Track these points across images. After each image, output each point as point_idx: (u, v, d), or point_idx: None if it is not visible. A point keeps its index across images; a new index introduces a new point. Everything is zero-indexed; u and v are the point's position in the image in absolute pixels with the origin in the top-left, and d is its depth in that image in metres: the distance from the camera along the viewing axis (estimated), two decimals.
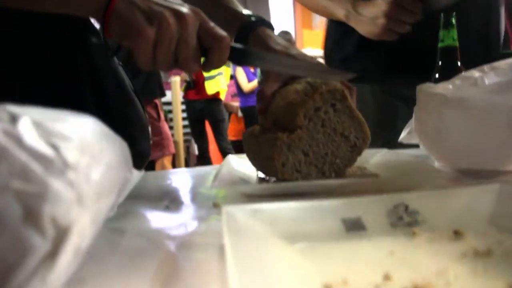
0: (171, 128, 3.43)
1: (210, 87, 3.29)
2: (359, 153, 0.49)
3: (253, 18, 0.61)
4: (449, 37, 0.67)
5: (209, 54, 0.47)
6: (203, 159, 3.61)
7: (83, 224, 0.21)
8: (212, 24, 0.47)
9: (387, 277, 0.23)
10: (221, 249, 0.31)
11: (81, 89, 0.63)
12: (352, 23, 0.89)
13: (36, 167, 0.20)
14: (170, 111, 3.55)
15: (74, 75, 0.62)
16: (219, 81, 3.34)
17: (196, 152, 3.96)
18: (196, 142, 3.76)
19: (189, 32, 0.45)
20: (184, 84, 3.39)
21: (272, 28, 0.60)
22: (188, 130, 3.76)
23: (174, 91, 3.44)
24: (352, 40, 0.95)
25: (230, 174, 0.51)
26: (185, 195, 0.54)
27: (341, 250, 0.28)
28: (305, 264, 0.26)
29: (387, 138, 0.73)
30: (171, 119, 3.58)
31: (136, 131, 0.71)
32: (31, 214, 0.19)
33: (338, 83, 0.48)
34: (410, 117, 0.62)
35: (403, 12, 0.81)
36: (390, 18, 0.81)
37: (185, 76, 3.31)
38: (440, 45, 0.68)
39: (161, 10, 0.44)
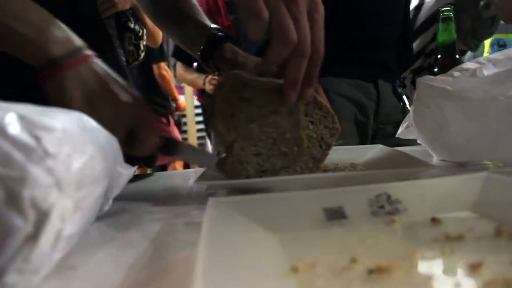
0: (185, 132, 3.47)
1: None
2: (328, 148, 0.48)
3: (220, 33, 0.62)
4: (448, 31, 0.67)
5: (136, 143, 0.46)
6: None
7: (63, 209, 0.23)
8: (148, 120, 0.47)
9: (354, 260, 0.24)
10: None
11: None
12: None
13: (17, 155, 0.21)
14: (184, 115, 3.60)
15: None
16: None
17: None
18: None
19: (121, 122, 0.44)
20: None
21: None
22: (202, 134, 3.79)
23: (187, 94, 3.49)
24: None
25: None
26: (183, 192, 0.55)
27: (317, 237, 0.29)
28: (277, 250, 0.27)
29: None
30: (185, 123, 3.62)
31: None
32: (13, 198, 0.20)
33: None
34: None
35: None
36: None
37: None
38: (438, 39, 0.68)
39: (103, 95, 0.43)
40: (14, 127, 0.22)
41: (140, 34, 1.69)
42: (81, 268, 0.29)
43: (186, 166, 2.85)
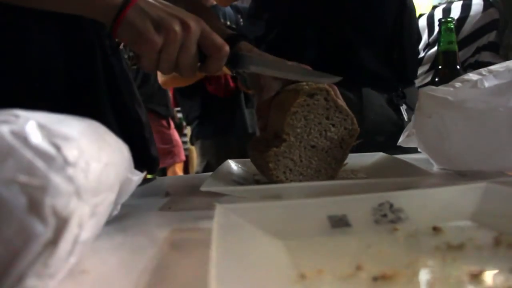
0: (185, 135, 3.48)
1: None
2: (348, 148, 0.51)
3: (236, 33, 0.65)
4: (448, 42, 0.68)
5: (208, 61, 0.50)
6: None
7: (81, 216, 0.24)
8: (212, 33, 0.50)
9: (359, 268, 0.25)
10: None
11: (99, 91, 0.65)
12: None
13: (39, 163, 0.22)
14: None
15: (92, 77, 0.65)
16: None
17: None
18: None
19: (192, 41, 0.49)
20: None
21: (252, 44, 0.64)
22: None
23: None
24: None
25: (224, 177, 0.53)
26: (187, 197, 0.56)
27: (323, 245, 0.30)
28: (285, 257, 0.28)
29: None
30: (185, 126, 3.63)
31: (146, 133, 0.74)
32: (35, 205, 0.21)
33: (321, 84, 0.50)
34: None
35: None
36: None
37: None
38: (440, 48, 0.69)
39: (169, 19, 0.48)
40: (35, 136, 0.23)
41: None
42: (93, 272, 0.30)
43: (186, 171, 2.86)
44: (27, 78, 0.59)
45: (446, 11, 1.33)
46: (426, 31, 1.35)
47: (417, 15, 1.23)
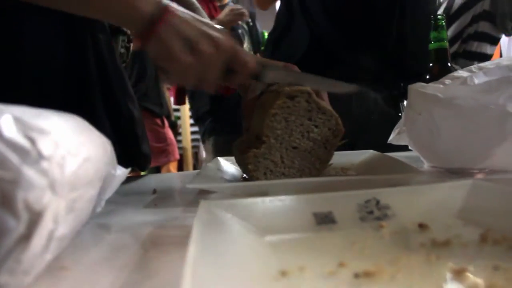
0: (179, 134, 3.47)
1: None
2: (333, 148, 0.50)
3: None
4: (439, 38, 0.68)
5: (233, 75, 0.50)
6: None
7: (56, 210, 0.23)
8: (242, 51, 0.50)
9: (341, 265, 0.24)
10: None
11: (91, 87, 0.64)
12: None
13: (12, 156, 0.21)
14: (178, 118, 3.59)
15: (85, 72, 0.64)
16: None
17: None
18: None
19: (221, 61, 0.48)
20: None
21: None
22: (196, 136, 3.79)
23: None
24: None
25: (212, 174, 0.52)
26: (175, 195, 0.56)
27: (306, 242, 0.30)
28: (267, 254, 0.27)
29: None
30: (180, 126, 3.62)
31: (139, 130, 0.73)
32: (6, 199, 0.21)
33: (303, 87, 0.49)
34: None
35: None
36: None
37: None
38: (430, 46, 0.69)
39: (201, 39, 0.47)
40: (9, 129, 0.22)
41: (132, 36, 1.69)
42: (72, 268, 0.29)
43: (180, 170, 2.85)
44: (21, 73, 0.58)
45: None
46: None
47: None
